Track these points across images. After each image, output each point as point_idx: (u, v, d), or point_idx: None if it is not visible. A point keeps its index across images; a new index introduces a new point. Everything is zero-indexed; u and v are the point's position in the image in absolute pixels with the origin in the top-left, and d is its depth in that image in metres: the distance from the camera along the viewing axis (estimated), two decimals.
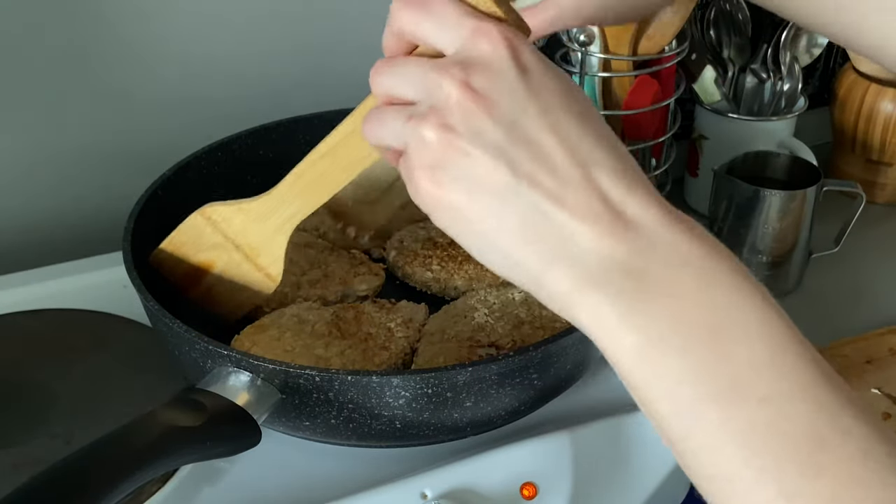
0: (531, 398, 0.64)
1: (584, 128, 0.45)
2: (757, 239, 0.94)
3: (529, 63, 0.45)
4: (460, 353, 0.68)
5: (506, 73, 0.45)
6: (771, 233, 0.93)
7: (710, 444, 0.42)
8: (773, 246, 0.94)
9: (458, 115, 0.44)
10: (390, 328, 0.70)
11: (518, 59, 0.45)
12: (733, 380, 0.42)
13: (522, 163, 0.44)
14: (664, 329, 0.43)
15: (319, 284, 0.74)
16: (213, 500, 0.63)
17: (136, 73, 0.89)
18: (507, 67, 0.45)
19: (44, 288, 0.79)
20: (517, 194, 0.44)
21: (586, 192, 0.44)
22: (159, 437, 0.53)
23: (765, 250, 0.94)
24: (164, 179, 0.76)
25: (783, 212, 0.92)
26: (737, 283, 0.43)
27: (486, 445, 0.65)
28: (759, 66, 1.09)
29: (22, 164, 0.88)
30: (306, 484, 0.63)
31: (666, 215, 0.44)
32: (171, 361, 0.67)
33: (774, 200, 0.92)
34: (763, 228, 0.93)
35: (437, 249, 0.78)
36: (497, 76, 0.45)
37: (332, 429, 0.61)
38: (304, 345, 0.68)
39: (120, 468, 0.50)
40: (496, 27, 0.45)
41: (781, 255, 0.95)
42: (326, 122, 0.85)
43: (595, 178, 0.44)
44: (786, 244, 0.95)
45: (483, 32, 0.45)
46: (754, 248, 0.95)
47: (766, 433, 0.41)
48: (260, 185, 0.84)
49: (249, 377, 0.59)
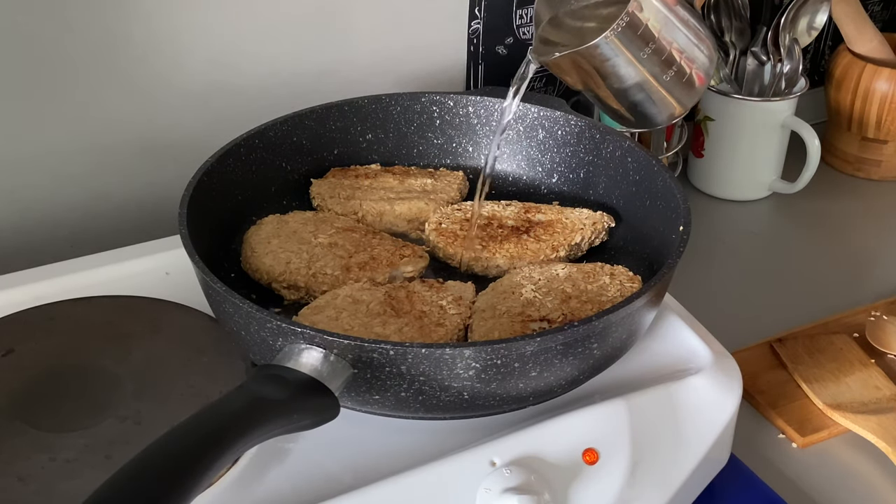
0: (589, 367, 0.66)
1: None
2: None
3: None
4: (513, 328, 0.70)
5: None
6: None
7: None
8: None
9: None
10: (442, 306, 0.72)
11: None
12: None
13: None
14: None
15: (368, 267, 0.76)
16: (282, 477, 0.64)
17: (165, 65, 0.89)
18: None
19: (87, 277, 0.79)
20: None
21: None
22: (252, 408, 0.54)
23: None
24: (209, 166, 0.77)
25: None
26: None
27: (546, 414, 0.67)
28: (759, 48, 1.12)
29: (54, 156, 0.88)
30: (374, 458, 0.65)
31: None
32: (232, 342, 0.69)
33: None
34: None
35: (475, 230, 0.80)
36: None
37: (402, 402, 0.63)
38: (362, 323, 0.69)
39: (221, 438, 0.51)
40: None
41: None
42: (356, 108, 0.88)
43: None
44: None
45: None
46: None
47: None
48: (292, 170, 0.86)
49: (322, 353, 0.60)
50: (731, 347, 0.78)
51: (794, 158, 1.13)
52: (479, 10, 1.02)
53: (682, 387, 0.70)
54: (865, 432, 0.80)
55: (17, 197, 0.89)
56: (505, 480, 0.62)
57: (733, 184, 1.15)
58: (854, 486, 0.79)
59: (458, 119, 0.90)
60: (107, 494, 0.48)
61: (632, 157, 0.83)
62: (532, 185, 0.89)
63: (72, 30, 0.84)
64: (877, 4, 1.29)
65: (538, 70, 0.76)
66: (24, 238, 0.90)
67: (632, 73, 0.71)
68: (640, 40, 0.70)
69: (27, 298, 0.75)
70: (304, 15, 0.93)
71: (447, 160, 0.91)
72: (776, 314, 0.97)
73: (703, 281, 1.01)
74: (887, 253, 1.08)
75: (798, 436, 0.82)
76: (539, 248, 0.79)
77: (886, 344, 0.90)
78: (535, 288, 0.74)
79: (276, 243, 0.77)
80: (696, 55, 0.73)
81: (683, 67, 0.73)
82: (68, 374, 0.68)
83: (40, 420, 0.64)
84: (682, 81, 0.73)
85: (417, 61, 1.01)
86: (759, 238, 1.12)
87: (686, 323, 0.76)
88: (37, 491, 0.60)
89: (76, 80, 0.86)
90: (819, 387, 0.85)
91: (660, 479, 0.68)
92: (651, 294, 0.67)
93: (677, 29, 0.72)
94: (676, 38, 0.72)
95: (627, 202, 0.83)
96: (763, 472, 0.78)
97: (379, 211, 0.83)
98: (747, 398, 0.84)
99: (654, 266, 0.76)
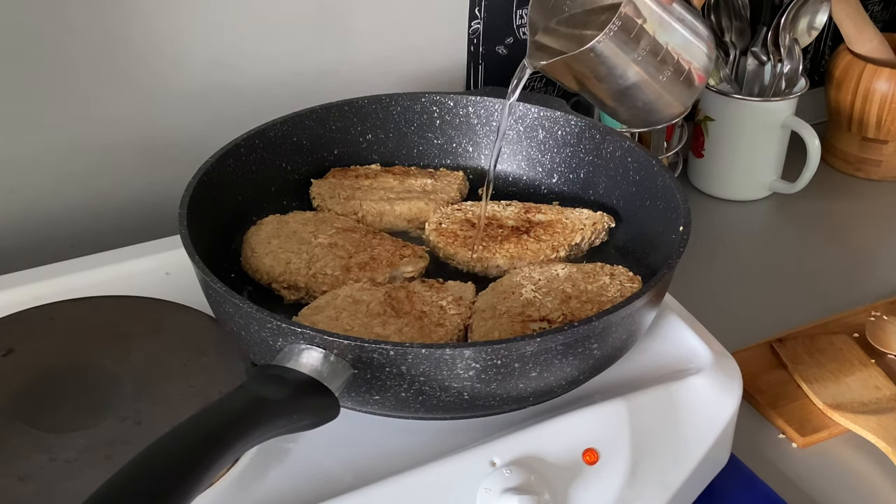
0: (589, 367, 0.66)
1: None
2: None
3: None
4: (514, 328, 0.70)
5: None
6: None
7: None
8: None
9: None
10: (442, 306, 0.72)
11: None
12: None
13: None
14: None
15: (368, 267, 0.76)
16: (282, 477, 0.64)
17: (165, 65, 0.89)
18: None
19: (87, 277, 0.79)
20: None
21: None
22: (252, 408, 0.54)
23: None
24: (209, 166, 0.77)
25: None
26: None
27: (546, 414, 0.67)
28: (759, 48, 1.12)
29: (53, 157, 0.88)
30: (374, 458, 0.65)
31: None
32: (232, 342, 0.69)
33: None
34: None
35: (475, 230, 0.80)
36: None
37: (402, 402, 0.63)
38: (362, 324, 0.69)
39: (221, 439, 0.51)
40: None
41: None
42: (356, 108, 0.88)
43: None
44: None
45: None
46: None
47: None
48: (292, 170, 0.86)
49: (322, 353, 0.60)
50: (731, 347, 0.78)
51: (794, 158, 1.13)
52: (479, 10, 1.02)
53: (682, 387, 0.70)
54: (865, 432, 0.80)
55: (17, 197, 0.89)
56: (505, 480, 0.62)
57: (733, 184, 1.15)
58: (854, 486, 0.79)
59: (458, 119, 0.90)
60: (107, 494, 0.48)
61: (632, 157, 0.83)
62: (532, 185, 0.89)
63: (72, 30, 0.84)
64: (877, 4, 1.29)
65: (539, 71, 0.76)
66: (24, 238, 0.90)
67: (629, 75, 0.71)
68: (634, 42, 0.69)
69: (27, 298, 0.75)
70: (304, 15, 0.93)
71: (447, 160, 0.91)
72: (776, 314, 0.97)
73: (703, 281, 1.01)
74: (887, 253, 1.08)
75: (798, 436, 0.82)
76: (539, 249, 0.79)
77: (886, 344, 0.90)
78: (535, 288, 0.74)
79: (276, 243, 0.77)
80: (694, 52, 0.73)
81: (681, 65, 0.72)
82: (68, 374, 0.68)
83: (40, 420, 0.64)
84: (681, 80, 0.73)
85: (417, 61, 1.02)
86: (759, 238, 1.12)
87: (686, 323, 0.76)
88: (37, 491, 0.60)
89: (76, 80, 0.86)
90: (819, 387, 0.85)
91: (660, 479, 0.68)
92: (651, 294, 0.67)
93: (673, 28, 0.72)
94: (673, 37, 0.72)
95: (627, 202, 0.83)
96: (763, 472, 0.78)
97: (379, 211, 0.83)
98: (747, 398, 0.84)
99: (654, 266, 0.76)
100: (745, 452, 0.78)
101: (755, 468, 0.77)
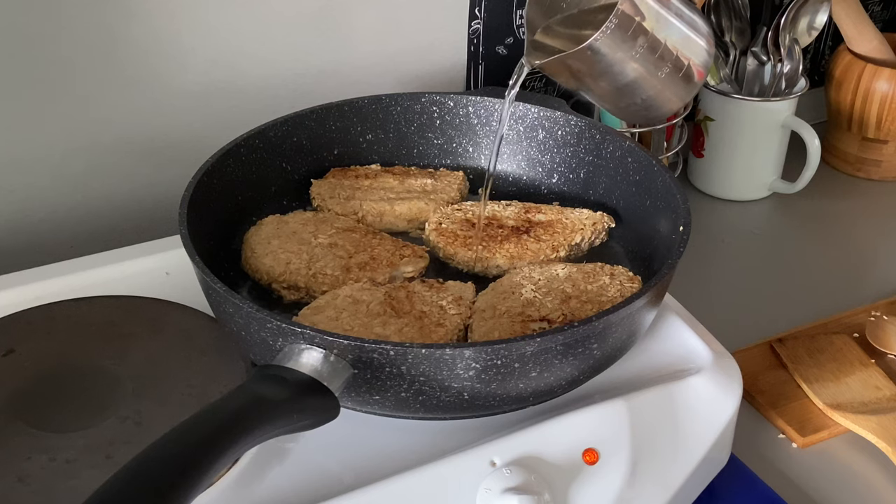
0: (589, 367, 0.66)
1: None
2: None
3: None
4: (513, 328, 0.70)
5: None
6: None
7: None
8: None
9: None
10: (442, 306, 0.72)
11: None
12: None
13: None
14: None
15: (368, 267, 0.76)
16: (282, 477, 0.64)
17: (165, 65, 0.89)
18: None
19: (87, 277, 0.79)
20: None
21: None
22: (252, 409, 0.54)
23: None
24: (209, 166, 0.77)
25: None
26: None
27: (546, 415, 0.67)
28: (759, 48, 1.12)
29: (54, 156, 0.88)
30: (374, 458, 0.65)
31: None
32: (232, 342, 0.69)
33: None
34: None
35: (475, 230, 0.80)
36: None
37: (402, 402, 0.63)
38: (362, 324, 0.69)
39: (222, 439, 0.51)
40: None
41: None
42: (356, 108, 0.88)
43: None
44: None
45: None
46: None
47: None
48: (292, 170, 0.86)
49: (322, 353, 0.60)
50: (731, 347, 0.78)
51: (794, 158, 1.13)
52: (479, 11, 1.02)
53: (682, 387, 0.70)
54: (865, 432, 0.80)
55: (17, 197, 0.89)
56: (505, 480, 0.62)
57: (733, 184, 1.15)
58: (854, 486, 0.79)
59: (458, 119, 0.90)
60: (107, 494, 0.48)
61: (632, 157, 0.83)
62: (532, 185, 0.89)
63: (72, 30, 0.84)
64: (877, 4, 1.29)
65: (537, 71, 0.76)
66: (24, 238, 0.90)
67: (627, 72, 0.71)
68: (632, 39, 0.69)
69: (27, 298, 0.75)
70: (304, 15, 0.93)
71: (447, 160, 0.91)
72: (776, 314, 0.97)
73: (703, 281, 1.01)
74: (887, 253, 1.08)
75: (798, 436, 0.82)
76: (539, 249, 0.79)
77: (886, 344, 0.90)
78: (535, 288, 0.74)
79: (276, 244, 0.77)
80: (693, 48, 0.73)
81: (680, 61, 0.72)
82: (68, 374, 0.68)
83: (40, 420, 0.64)
84: (680, 76, 0.73)
85: (417, 61, 1.02)
86: (759, 238, 1.12)
87: (686, 323, 0.76)
88: (37, 491, 0.60)
89: (76, 79, 0.86)
90: (819, 387, 0.85)
91: (660, 479, 0.68)
92: (651, 294, 0.67)
93: (671, 24, 0.72)
94: (671, 33, 0.71)
95: (627, 202, 0.83)
96: (763, 472, 0.78)
97: (379, 211, 0.83)
98: (747, 398, 0.84)
99: (654, 266, 0.76)
100: (745, 452, 0.78)
101: (755, 468, 0.77)
